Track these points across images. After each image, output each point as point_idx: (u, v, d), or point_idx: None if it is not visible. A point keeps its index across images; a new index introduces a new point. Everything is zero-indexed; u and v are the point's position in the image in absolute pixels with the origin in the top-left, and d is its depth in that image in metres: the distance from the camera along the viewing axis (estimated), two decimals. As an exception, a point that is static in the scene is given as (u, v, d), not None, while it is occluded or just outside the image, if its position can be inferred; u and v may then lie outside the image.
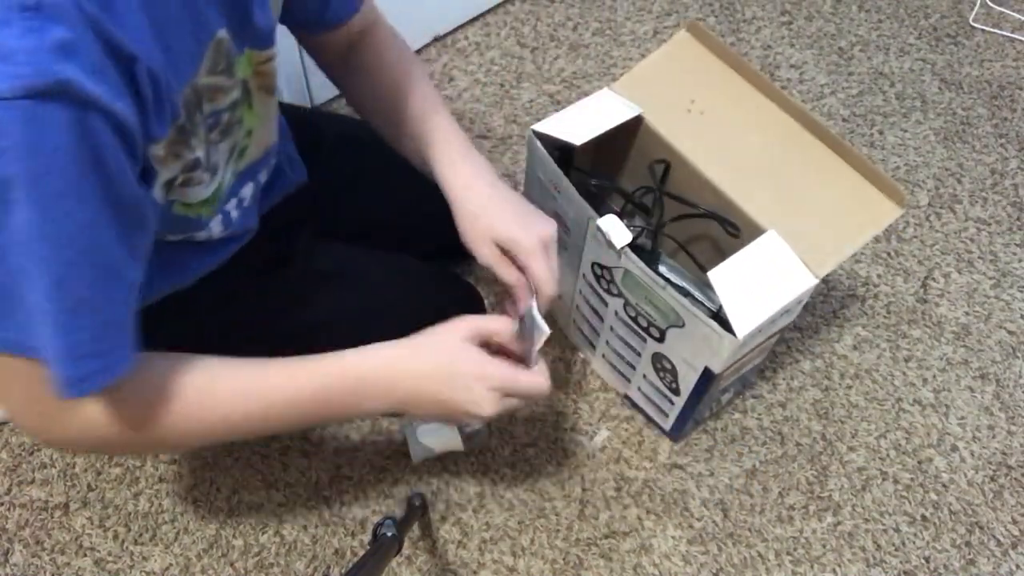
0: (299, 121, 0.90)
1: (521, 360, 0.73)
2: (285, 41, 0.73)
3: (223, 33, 0.55)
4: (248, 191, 0.74)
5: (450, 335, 0.69)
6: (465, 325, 0.69)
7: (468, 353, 0.68)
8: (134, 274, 0.54)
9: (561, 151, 0.87)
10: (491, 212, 0.74)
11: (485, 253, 0.73)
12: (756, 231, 0.79)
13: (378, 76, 0.80)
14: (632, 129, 0.89)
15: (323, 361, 0.66)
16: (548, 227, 0.74)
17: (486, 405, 0.67)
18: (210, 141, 0.61)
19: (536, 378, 0.70)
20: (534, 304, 0.72)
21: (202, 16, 0.53)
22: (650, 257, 0.96)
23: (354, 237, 0.97)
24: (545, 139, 0.84)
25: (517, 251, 0.72)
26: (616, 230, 0.79)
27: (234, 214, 0.73)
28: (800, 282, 0.76)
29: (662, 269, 0.95)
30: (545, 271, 0.72)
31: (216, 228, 0.71)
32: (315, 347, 0.71)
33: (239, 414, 0.64)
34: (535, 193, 0.93)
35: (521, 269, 0.73)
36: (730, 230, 0.84)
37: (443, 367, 0.68)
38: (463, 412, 0.68)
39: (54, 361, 0.50)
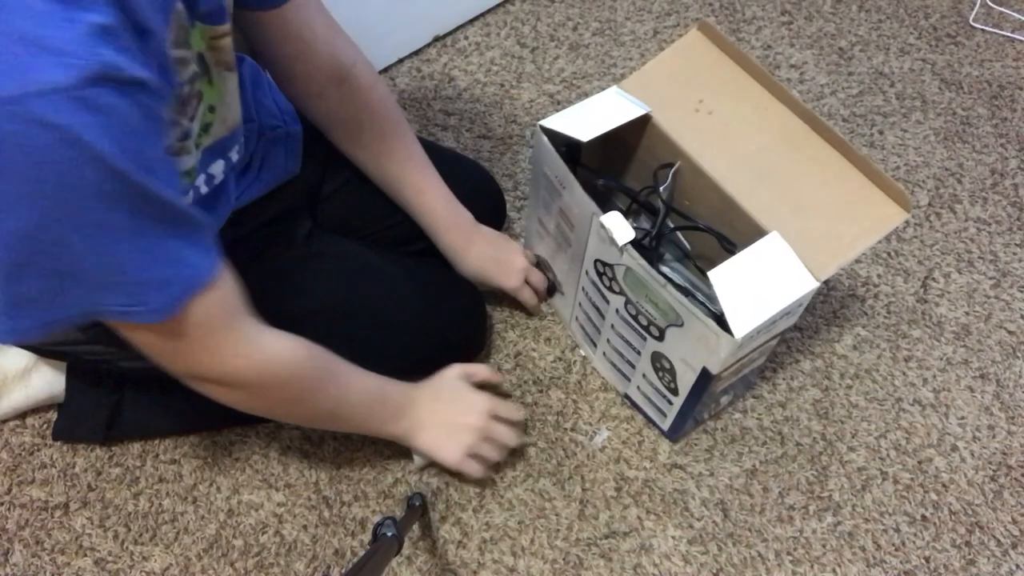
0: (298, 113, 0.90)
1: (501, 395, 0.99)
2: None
3: (179, 5, 0.56)
4: (218, 168, 0.74)
5: (447, 374, 0.91)
6: (456, 368, 0.91)
7: (461, 383, 0.91)
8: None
9: (568, 148, 0.87)
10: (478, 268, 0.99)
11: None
12: (759, 232, 0.79)
13: (363, 123, 0.88)
14: (639, 128, 0.89)
15: (379, 378, 0.82)
16: (520, 260, 1.02)
17: (476, 417, 0.88)
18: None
19: (512, 406, 0.94)
20: None
21: None
22: (652, 256, 0.96)
23: (353, 233, 0.97)
24: (552, 135, 0.85)
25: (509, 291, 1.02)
26: (619, 227, 0.79)
27: (203, 189, 0.73)
28: (801, 285, 0.76)
29: (664, 268, 0.95)
30: (533, 298, 1.05)
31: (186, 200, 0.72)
32: (308, 335, 0.72)
33: (340, 408, 0.80)
34: (540, 189, 0.94)
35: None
36: (726, 246, 0.85)
37: (445, 391, 0.89)
38: (461, 424, 0.88)
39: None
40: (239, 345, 0.66)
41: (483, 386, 0.94)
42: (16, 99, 0.44)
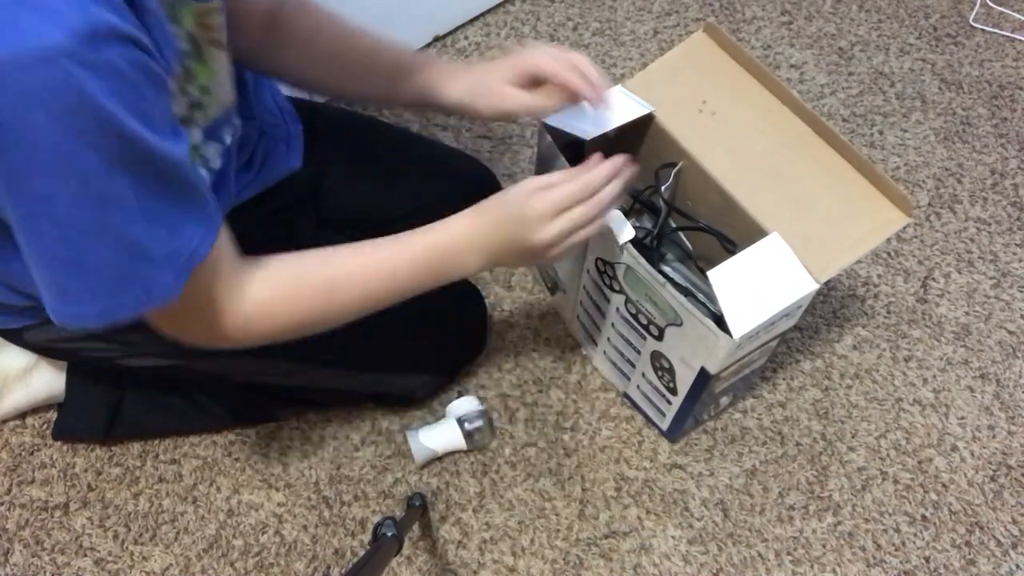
0: (297, 111, 0.90)
1: None
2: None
3: None
4: (213, 151, 0.73)
5: (514, 190, 0.74)
6: (526, 183, 0.74)
7: (532, 196, 0.72)
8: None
9: (571, 147, 0.87)
10: (503, 63, 0.80)
11: (518, 96, 0.80)
12: (760, 233, 0.79)
13: (315, 37, 0.82)
14: (643, 127, 0.89)
15: (413, 235, 0.74)
16: (533, 50, 0.80)
17: (548, 229, 0.71)
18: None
19: (599, 170, 0.73)
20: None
21: None
22: (653, 255, 0.96)
23: (355, 228, 0.97)
24: (555, 133, 0.85)
25: (547, 71, 0.78)
26: (620, 226, 0.79)
27: (200, 171, 0.72)
28: (800, 286, 0.76)
29: (665, 268, 0.95)
30: (587, 67, 0.78)
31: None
32: None
33: (372, 285, 0.72)
34: None
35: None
36: (727, 245, 0.85)
37: (511, 211, 0.73)
38: (533, 248, 0.72)
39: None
40: (233, 303, 0.65)
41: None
42: (8, 59, 0.44)
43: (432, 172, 1.02)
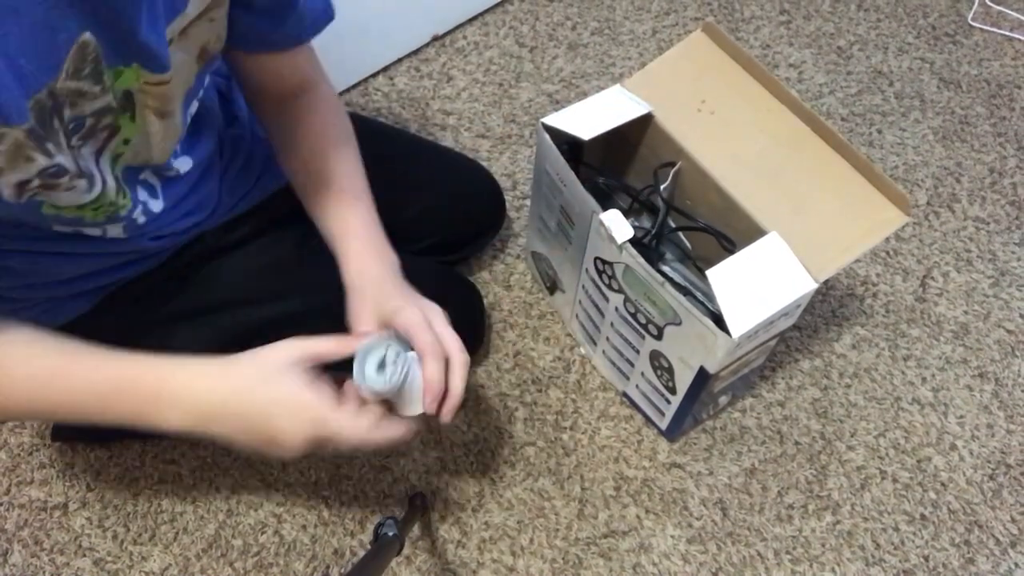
0: None
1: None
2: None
3: (88, 36, 0.52)
4: (158, 206, 0.72)
5: (271, 354, 0.62)
6: (289, 345, 0.63)
7: (287, 376, 0.61)
8: None
9: (570, 146, 0.87)
10: (380, 292, 0.70)
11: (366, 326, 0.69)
12: (759, 233, 0.79)
13: (302, 138, 0.78)
14: (641, 127, 0.89)
15: (131, 360, 0.62)
16: (432, 307, 0.69)
17: (295, 439, 0.61)
18: (72, 147, 0.57)
19: (361, 421, 0.62)
20: (410, 356, 0.65)
21: (62, 22, 0.50)
22: (652, 255, 0.96)
23: None
24: (554, 132, 0.85)
25: (399, 323, 0.67)
26: (618, 225, 0.80)
27: (140, 220, 0.71)
28: (799, 285, 0.76)
29: (664, 268, 0.95)
30: (432, 339, 0.66)
31: (114, 233, 0.70)
32: (305, 332, 0.71)
33: (39, 400, 0.62)
34: (542, 187, 0.94)
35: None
36: (726, 244, 0.85)
37: (254, 388, 0.62)
38: (269, 439, 0.62)
39: None
40: None
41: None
42: None
43: (432, 176, 1.02)
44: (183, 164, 0.75)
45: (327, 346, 0.63)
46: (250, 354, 0.63)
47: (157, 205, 0.72)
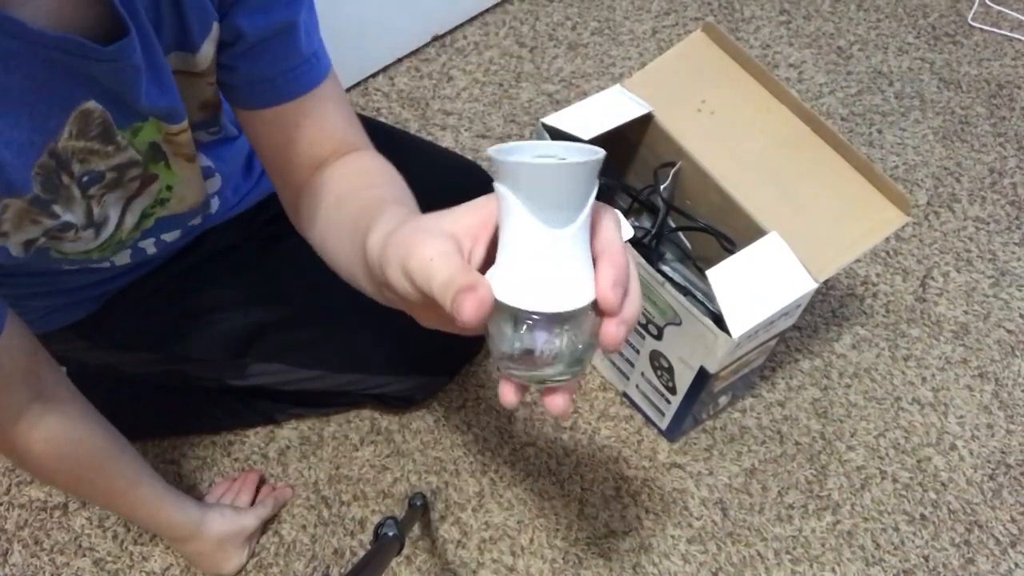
0: None
1: None
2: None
3: (92, 104, 0.53)
4: (173, 236, 0.74)
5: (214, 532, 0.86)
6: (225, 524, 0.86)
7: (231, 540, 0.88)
8: None
9: None
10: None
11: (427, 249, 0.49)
12: (759, 233, 0.79)
13: (342, 201, 0.61)
14: (641, 127, 0.89)
15: (169, 505, 0.81)
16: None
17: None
18: (90, 196, 0.58)
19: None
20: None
21: (60, 92, 0.50)
22: (652, 255, 0.96)
23: None
24: (554, 132, 0.85)
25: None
26: None
27: (151, 251, 0.73)
28: (799, 285, 0.76)
29: (665, 268, 0.95)
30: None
31: (121, 261, 0.72)
32: (305, 331, 0.71)
33: (73, 489, 0.81)
34: None
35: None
36: (726, 244, 0.85)
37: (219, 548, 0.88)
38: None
39: None
40: (8, 421, 0.64)
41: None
42: None
43: (429, 176, 1.01)
44: (215, 204, 0.77)
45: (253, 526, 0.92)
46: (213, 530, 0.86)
47: (172, 235, 0.74)
